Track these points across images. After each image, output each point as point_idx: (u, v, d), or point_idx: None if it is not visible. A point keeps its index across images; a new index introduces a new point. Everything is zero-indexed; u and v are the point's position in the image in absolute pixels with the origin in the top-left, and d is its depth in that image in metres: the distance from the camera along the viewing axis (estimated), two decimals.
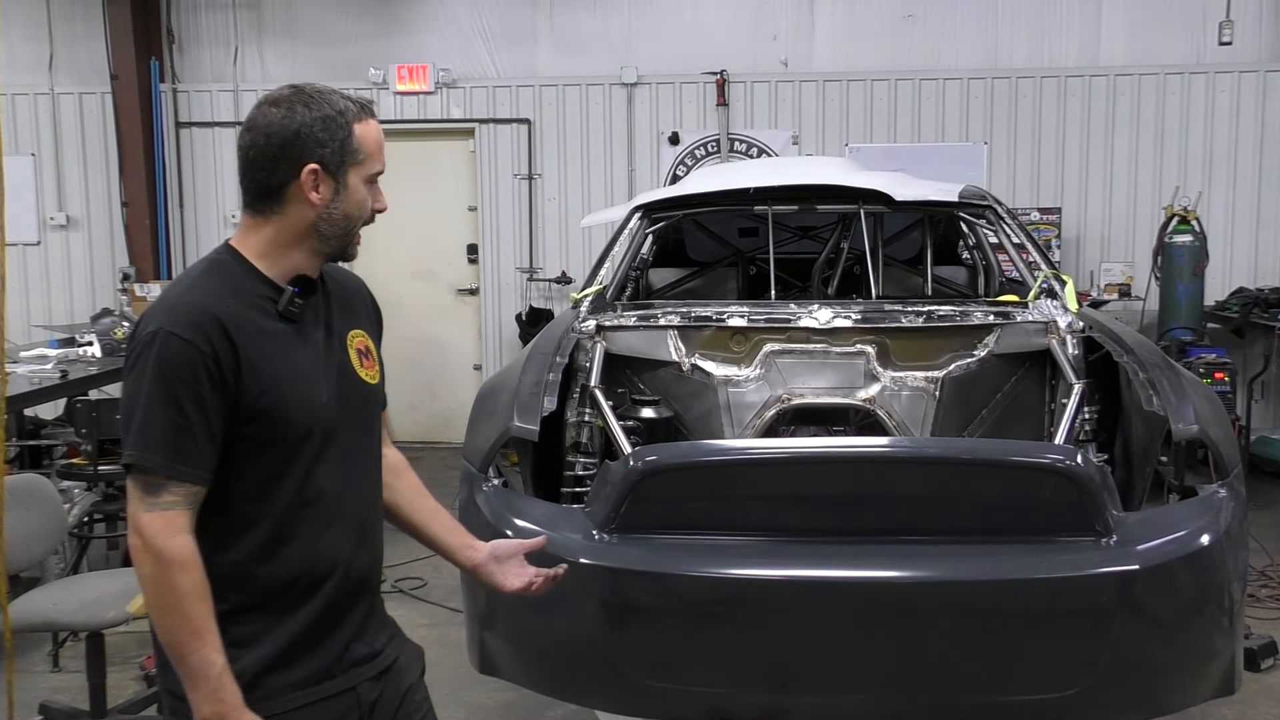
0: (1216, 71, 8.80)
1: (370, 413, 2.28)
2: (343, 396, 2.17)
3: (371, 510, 2.28)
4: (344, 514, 2.17)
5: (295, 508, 2.09)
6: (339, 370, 2.19)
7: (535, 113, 9.34)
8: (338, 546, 2.15)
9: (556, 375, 3.77)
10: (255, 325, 2.06)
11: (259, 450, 2.05)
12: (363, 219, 2.17)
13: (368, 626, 2.24)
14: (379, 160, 2.15)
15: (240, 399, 2.01)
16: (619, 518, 3.19)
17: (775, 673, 3.17)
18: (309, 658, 2.12)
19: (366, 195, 2.15)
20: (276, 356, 2.07)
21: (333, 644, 2.16)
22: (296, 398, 2.08)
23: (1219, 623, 3.18)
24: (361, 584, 2.22)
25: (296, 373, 2.09)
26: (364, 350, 2.26)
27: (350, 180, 2.12)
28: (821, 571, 3.12)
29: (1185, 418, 3.40)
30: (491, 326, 9.49)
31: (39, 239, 9.65)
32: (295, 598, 2.10)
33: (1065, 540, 3.13)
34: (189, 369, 1.96)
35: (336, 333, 2.22)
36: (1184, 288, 7.98)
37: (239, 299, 2.07)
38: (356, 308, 2.32)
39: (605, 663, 3.16)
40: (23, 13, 9.52)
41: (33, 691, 4.62)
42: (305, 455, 2.09)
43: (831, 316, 4.34)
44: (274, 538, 2.08)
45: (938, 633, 3.11)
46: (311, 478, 2.11)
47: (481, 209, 9.44)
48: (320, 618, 2.13)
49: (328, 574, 2.13)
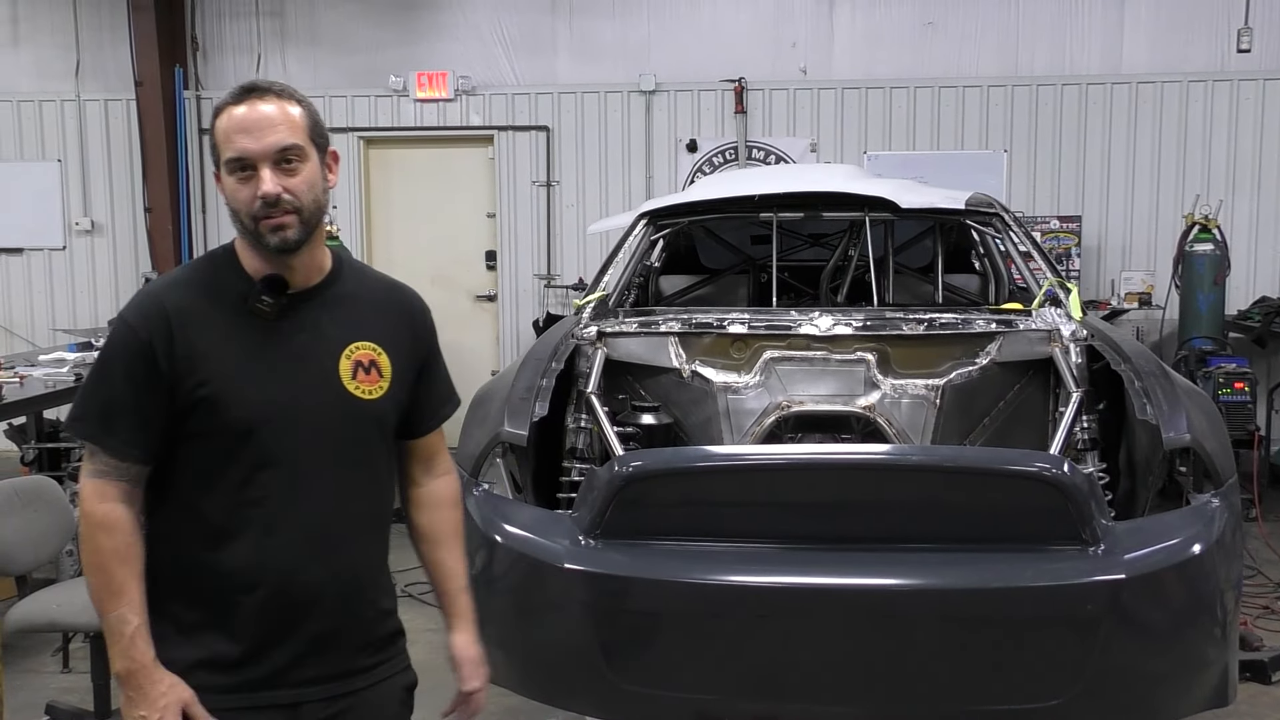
0: (1240, 79, 8.72)
1: (357, 429, 2.19)
2: (310, 404, 2.13)
3: (341, 530, 2.18)
4: (294, 525, 2.12)
5: (237, 506, 2.09)
6: (317, 378, 2.15)
7: (554, 120, 9.37)
8: (280, 556, 2.11)
9: (550, 381, 3.78)
10: (211, 318, 2.09)
11: (202, 441, 2.09)
12: (244, 210, 2.09)
13: (331, 649, 2.18)
14: (229, 147, 2.07)
15: (177, 386, 2.06)
16: (604, 523, 3.20)
17: (761, 679, 3.16)
18: (249, 663, 2.11)
19: (234, 185, 2.09)
20: (227, 351, 2.09)
21: (276, 655, 2.12)
22: (238, 394, 2.07)
23: (1210, 633, 3.15)
24: (315, 602, 2.15)
25: (246, 370, 2.09)
26: (366, 364, 2.20)
27: (223, 173, 2.11)
28: (806, 578, 3.12)
29: (1177, 427, 3.38)
30: (509, 333, 9.51)
31: (64, 244, 9.78)
32: (232, 597, 2.11)
33: (1053, 549, 3.11)
34: (127, 351, 2.08)
35: (328, 339, 2.17)
36: (1205, 297, 7.91)
37: (208, 293, 2.12)
38: (375, 321, 2.24)
39: (591, 668, 3.17)
40: (51, 21, 9.67)
41: (42, 692, 4.66)
42: (248, 455, 2.08)
43: (832, 324, 4.33)
44: (215, 532, 2.10)
45: (925, 640, 3.10)
46: (256, 479, 2.09)
47: (500, 216, 9.47)
48: (258, 624, 2.11)
49: (265, 581, 2.10)
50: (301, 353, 2.15)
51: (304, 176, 2.10)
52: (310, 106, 2.16)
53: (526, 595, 3.28)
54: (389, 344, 2.24)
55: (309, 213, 2.11)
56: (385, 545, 2.33)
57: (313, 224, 2.13)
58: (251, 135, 2.06)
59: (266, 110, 2.08)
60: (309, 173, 2.11)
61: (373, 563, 2.27)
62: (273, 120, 2.07)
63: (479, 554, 3.39)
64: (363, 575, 2.23)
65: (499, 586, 3.35)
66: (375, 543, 2.28)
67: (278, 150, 2.07)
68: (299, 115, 2.12)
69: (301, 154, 2.10)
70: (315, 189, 2.12)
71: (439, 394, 2.43)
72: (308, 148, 2.11)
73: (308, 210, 2.10)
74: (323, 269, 2.22)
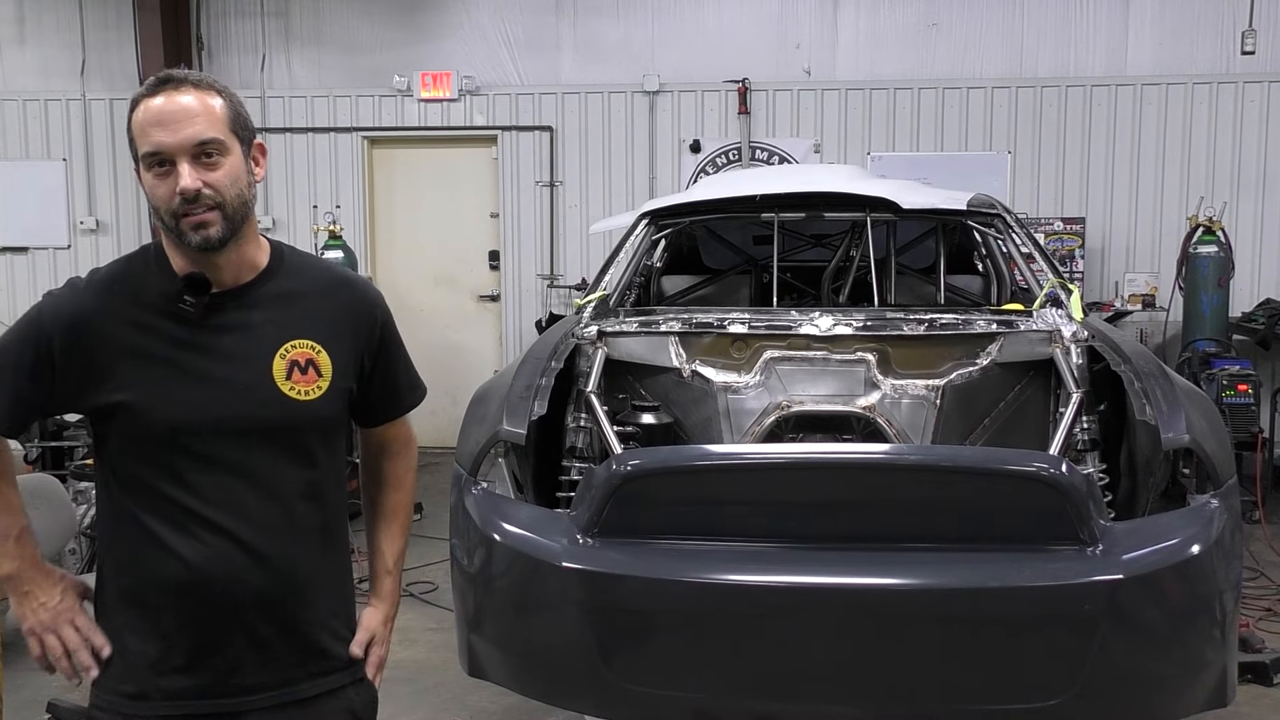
0: (1245, 81, 8.71)
1: (293, 432, 2.12)
2: (238, 407, 2.07)
3: (277, 535, 2.11)
4: (226, 529, 2.06)
5: (167, 511, 2.05)
6: (246, 380, 2.08)
7: (558, 120, 9.38)
8: (212, 560, 2.05)
9: (549, 380, 3.78)
10: (133, 320, 2.05)
11: (127, 446, 2.07)
12: (163, 207, 2.00)
13: (273, 656, 2.13)
14: (145, 141, 1.98)
15: (83, 385, 2.05)
16: (601, 521, 3.20)
17: (759, 679, 3.16)
18: (187, 670, 2.08)
19: (151, 180, 2.00)
20: (148, 354, 2.04)
21: (216, 661, 2.09)
22: (158, 399, 2.03)
23: (1209, 633, 3.13)
24: (252, 608, 2.09)
25: (167, 374, 2.04)
26: (303, 363, 2.12)
27: (141, 168, 2.03)
28: (804, 578, 3.11)
29: (1177, 428, 3.37)
30: (512, 333, 9.53)
31: (69, 243, 9.81)
32: (166, 602, 2.07)
33: (1051, 549, 3.10)
34: (24, 335, 2.08)
35: (259, 339, 2.10)
36: (1208, 299, 7.90)
37: (133, 293, 2.07)
38: (315, 317, 2.16)
39: (588, 667, 3.16)
40: (56, 19, 9.70)
41: (43, 690, 4.66)
42: (174, 459, 2.04)
43: (832, 324, 4.32)
44: (145, 534, 2.06)
45: (922, 640, 3.09)
46: (183, 484, 2.05)
47: (503, 216, 9.49)
48: (195, 630, 2.08)
49: (197, 586, 2.06)
50: (229, 354, 2.08)
51: (225, 170, 2.01)
52: (232, 97, 2.07)
53: (524, 594, 3.27)
54: (330, 340, 2.15)
55: (232, 208, 2.02)
56: (338, 551, 2.25)
57: (238, 220, 2.04)
58: (167, 129, 1.97)
59: (184, 102, 1.99)
60: (231, 167, 2.02)
61: (318, 567, 2.19)
62: (190, 112, 1.98)
63: (477, 553, 3.40)
64: (304, 579, 2.15)
65: (497, 586, 3.35)
66: (322, 547, 2.19)
67: (195, 144, 1.98)
68: (219, 107, 2.03)
69: (222, 147, 2.01)
70: (239, 183, 2.03)
71: (396, 385, 2.33)
72: (229, 140, 2.02)
73: (231, 205, 2.02)
74: (255, 266, 2.13)
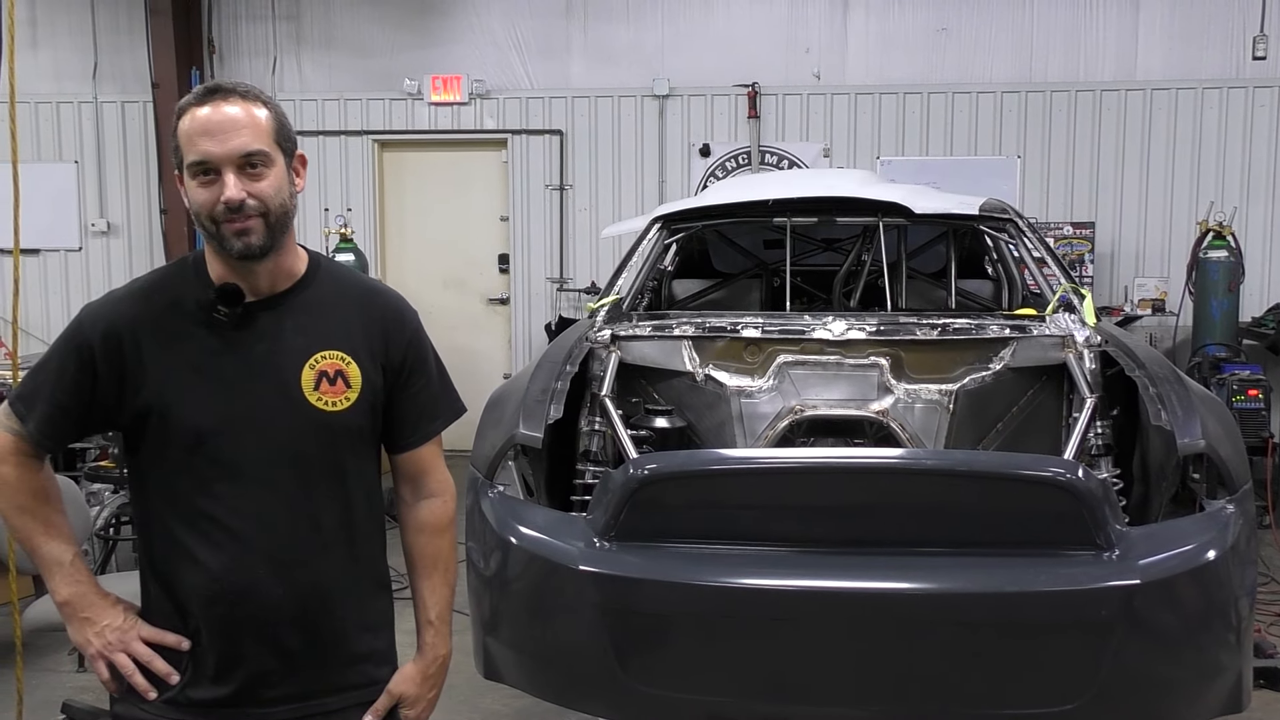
0: (1256, 86, 8.70)
1: (320, 442, 2.10)
2: (264, 416, 2.07)
3: (303, 546, 2.10)
4: (250, 539, 2.06)
5: (192, 518, 2.06)
6: (274, 389, 2.08)
7: (567, 124, 9.40)
8: (237, 572, 2.05)
9: (564, 384, 3.79)
10: (167, 328, 2.07)
11: (156, 452, 2.08)
12: (206, 213, 2.02)
13: (297, 668, 2.12)
14: (191, 150, 2.00)
15: (121, 396, 2.06)
16: (618, 525, 3.21)
17: (775, 683, 3.17)
18: (216, 679, 2.09)
19: (195, 188, 2.01)
20: (180, 361, 2.06)
21: (239, 673, 2.09)
22: (186, 405, 2.04)
23: (1224, 639, 3.14)
24: (277, 619, 2.09)
25: (197, 380, 2.05)
26: (332, 374, 2.11)
27: (185, 176, 2.04)
28: (820, 582, 3.12)
29: (1192, 433, 3.37)
30: (521, 336, 9.54)
31: (80, 245, 9.85)
32: (192, 608, 2.08)
33: (1067, 554, 3.11)
34: (67, 349, 2.10)
35: (289, 349, 2.10)
36: (1218, 304, 7.90)
37: (168, 301, 2.09)
38: (348, 328, 2.15)
39: (604, 670, 3.17)
40: (68, 22, 9.73)
41: (58, 690, 4.67)
42: (201, 466, 2.05)
43: (845, 328, 4.33)
44: (175, 542, 2.08)
45: (938, 645, 3.09)
46: (210, 492, 2.06)
47: (513, 219, 9.51)
48: (218, 638, 2.08)
49: (222, 596, 2.06)
50: (259, 363, 2.08)
51: (270, 181, 2.03)
52: (277, 109, 2.09)
53: (541, 597, 3.29)
54: (360, 352, 2.14)
55: (275, 217, 2.03)
56: (369, 560, 2.22)
57: (279, 230, 2.06)
58: (215, 138, 1.99)
59: (231, 112, 2.01)
60: (275, 178, 2.04)
61: (345, 579, 2.17)
62: (237, 123, 2.00)
63: (493, 556, 3.41)
64: (331, 591, 2.14)
65: (513, 588, 3.36)
66: (350, 559, 2.17)
67: (242, 155, 2.00)
68: (265, 118, 2.04)
69: (267, 159, 2.03)
70: (282, 193, 2.05)
71: (424, 407, 2.26)
72: (273, 152, 2.04)
73: (274, 215, 2.03)
74: (292, 275, 2.14)
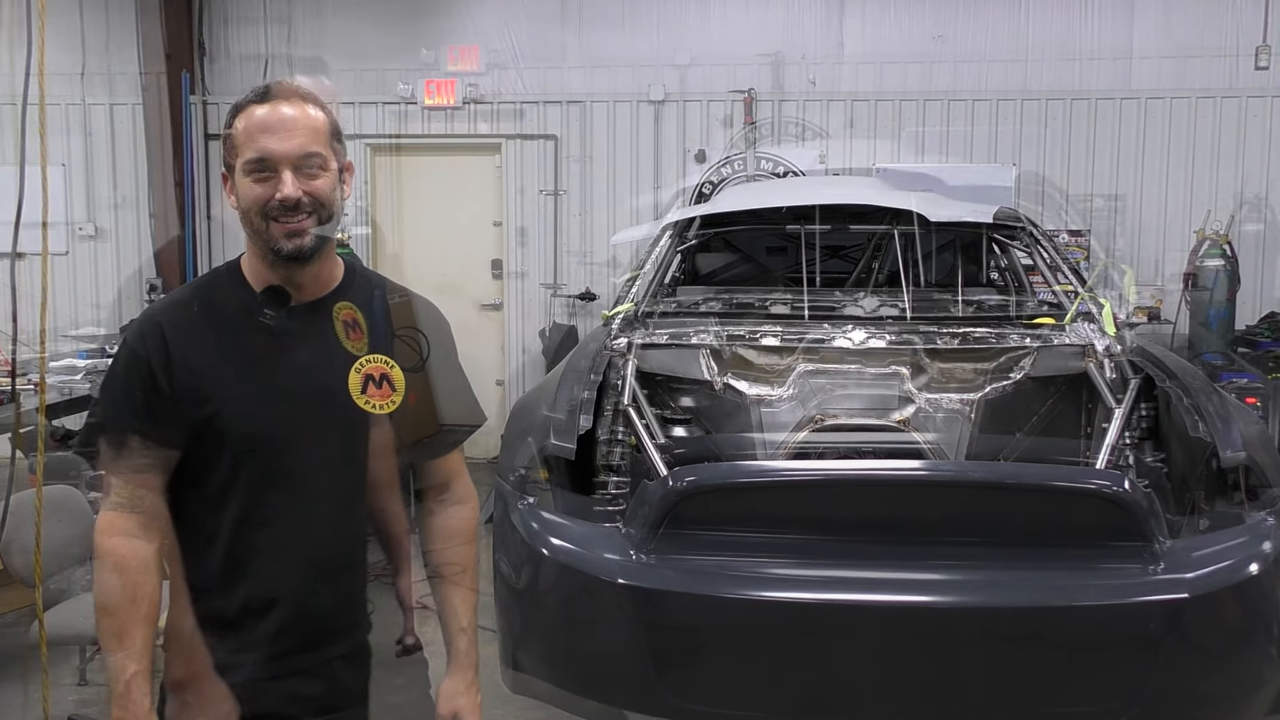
0: (1249, 96, 8.74)
1: (364, 444, 2.12)
2: (316, 421, 2.06)
3: (339, 552, 2.13)
4: (296, 547, 2.06)
5: (245, 529, 2.03)
6: (324, 393, 2.07)
7: (562, 129, 9.34)
8: (281, 581, 2.05)
9: (591, 393, 3.75)
10: (211, 334, 2.03)
11: (206, 460, 2.02)
12: (255, 210, 2.01)
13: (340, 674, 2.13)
14: (249, 147, 2.00)
15: (181, 400, 2.00)
16: (657, 538, 3.16)
17: (816, 696, 3.13)
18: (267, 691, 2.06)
19: (250, 185, 2.01)
20: (227, 367, 2.02)
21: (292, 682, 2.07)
22: (237, 411, 2.01)
23: (1266, 651, 3.13)
24: (320, 631, 2.10)
25: (246, 386, 2.02)
26: (378, 377, 2.11)
27: (237, 174, 2.03)
28: (863, 595, 3.09)
29: (1233, 444, 3.36)
30: (515, 342, 9.47)
31: (67, 249, 9.67)
32: (245, 621, 2.04)
33: (1112, 567, 3.08)
34: (128, 375, 2.03)
35: (338, 353, 2.10)
36: (1215, 312, 7.93)
37: (209, 308, 2.06)
38: (386, 333, 2.16)
39: (644, 685, 3.12)
40: (56, 24, 9.56)
41: (60, 705, 4.60)
42: (252, 474, 2.02)
43: (865, 338, 4.30)
44: (228, 557, 2.03)
45: (983, 659, 3.07)
46: (262, 500, 2.03)
47: (506, 225, 9.43)
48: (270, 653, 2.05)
49: (277, 606, 2.04)
50: (308, 367, 2.07)
51: (325, 181, 2.03)
52: (331, 113, 2.09)
53: (577, 610, 3.23)
54: (400, 356, 2.15)
55: (325, 219, 2.04)
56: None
57: (327, 234, 2.06)
58: (275, 136, 1.99)
59: (289, 113, 2.01)
60: (329, 180, 2.04)
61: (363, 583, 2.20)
62: (297, 123, 2.01)
63: (525, 568, 3.35)
64: (358, 597, 2.18)
65: (546, 601, 3.31)
66: (364, 563, 2.19)
67: (301, 154, 2.00)
68: (322, 121, 2.05)
69: (324, 162, 2.03)
70: (334, 196, 2.05)
71: (451, 414, 2.30)
72: (329, 156, 2.05)
73: (325, 216, 2.03)
74: (332, 280, 2.14)
